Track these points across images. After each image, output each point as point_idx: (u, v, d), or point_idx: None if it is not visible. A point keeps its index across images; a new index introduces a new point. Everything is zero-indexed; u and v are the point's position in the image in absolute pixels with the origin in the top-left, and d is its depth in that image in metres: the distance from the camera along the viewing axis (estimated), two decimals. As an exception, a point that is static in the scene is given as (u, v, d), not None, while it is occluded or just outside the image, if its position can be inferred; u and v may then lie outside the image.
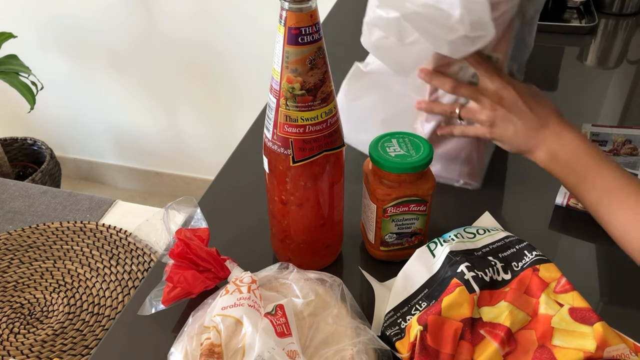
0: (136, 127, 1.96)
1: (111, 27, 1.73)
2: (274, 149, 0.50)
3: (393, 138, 0.56)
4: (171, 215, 0.56)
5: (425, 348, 0.45)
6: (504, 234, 0.54)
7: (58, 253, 1.10)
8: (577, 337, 0.44)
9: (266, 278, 0.51)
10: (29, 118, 1.99)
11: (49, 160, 1.77)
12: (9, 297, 1.03)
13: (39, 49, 1.84)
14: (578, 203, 0.63)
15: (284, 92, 0.47)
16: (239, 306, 0.46)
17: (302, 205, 0.53)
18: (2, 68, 1.58)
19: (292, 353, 0.43)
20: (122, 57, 1.79)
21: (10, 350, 0.94)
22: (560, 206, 0.64)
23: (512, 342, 0.45)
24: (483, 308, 0.47)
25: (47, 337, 0.96)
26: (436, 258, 0.52)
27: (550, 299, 0.47)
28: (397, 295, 0.51)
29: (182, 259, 0.52)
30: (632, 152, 0.69)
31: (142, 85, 1.84)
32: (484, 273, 0.48)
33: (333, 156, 0.51)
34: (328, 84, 0.48)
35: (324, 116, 0.48)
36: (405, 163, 0.53)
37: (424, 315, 0.46)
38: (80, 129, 2.04)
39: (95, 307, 1.00)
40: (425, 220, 0.57)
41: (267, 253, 0.61)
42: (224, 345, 0.44)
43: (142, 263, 1.07)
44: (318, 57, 0.46)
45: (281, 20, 0.45)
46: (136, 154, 2.05)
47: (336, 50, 0.96)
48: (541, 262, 0.50)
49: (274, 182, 0.53)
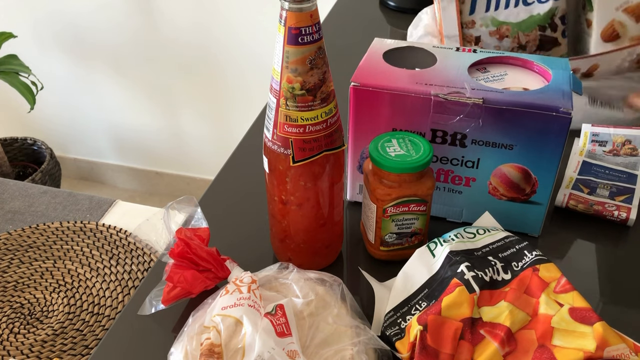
0: (136, 127, 1.97)
1: (112, 27, 1.73)
2: (274, 149, 0.50)
3: (393, 138, 0.56)
4: (171, 215, 0.56)
5: (425, 348, 0.45)
6: (504, 234, 0.54)
7: (58, 253, 1.10)
8: (577, 337, 0.44)
9: (266, 278, 0.51)
10: (29, 118, 2.00)
11: (49, 160, 1.77)
12: (9, 297, 1.03)
13: (39, 49, 1.85)
14: (577, 204, 0.63)
15: (284, 92, 0.47)
16: (239, 306, 0.46)
17: (302, 205, 0.53)
18: (2, 68, 1.58)
19: (292, 353, 0.43)
20: (122, 57, 1.79)
21: (10, 350, 0.94)
22: (559, 207, 0.64)
23: (512, 342, 0.45)
24: (483, 308, 0.47)
25: (47, 337, 0.96)
26: (436, 258, 0.52)
27: (550, 299, 0.47)
28: (397, 295, 0.51)
29: (182, 259, 0.52)
30: (632, 152, 0.69)
31: (142, 85, 1.84)
32: (484, 273, 0.48)
33: (333, 156, 0.51)
34: (328, 83, 0.48)
35: (324, 116, 0.48)
36: (405, 163, 0.53)
37: (424, 315, 0.46)
38: (80, 129, 2.04)
39: (95, 307, 1.00)
40: (425, 220, 0.57)
41: (267, 253, 0.61)
42: (224, 345, 0.44)
43: (142, 263, 1.07)
44: (318, 57, 0.46)
45: (281, 20, 0.45)
46: (136, 154, 2.05)
47: (336, 50, 0.96)
48: (541, 262, 0.50)
49: (274, 182, 0.53)
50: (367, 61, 0.61)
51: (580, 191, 0.64)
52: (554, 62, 0.61)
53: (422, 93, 0.56)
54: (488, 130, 0.56)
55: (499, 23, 0.77)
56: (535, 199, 0.59)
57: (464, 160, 0.59)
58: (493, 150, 0.57)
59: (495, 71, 0.62)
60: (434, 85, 0.57)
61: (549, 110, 0.54)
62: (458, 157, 0.59)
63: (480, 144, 0.57)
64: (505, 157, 0.57)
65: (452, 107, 0.56)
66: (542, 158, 0.56)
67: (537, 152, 0.56)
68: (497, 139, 0.57)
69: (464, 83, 0.57)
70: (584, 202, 0.63)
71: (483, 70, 0.62)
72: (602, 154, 0.70)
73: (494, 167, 0.58)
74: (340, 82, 0.65)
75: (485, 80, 0.60)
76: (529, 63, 0.62)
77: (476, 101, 0.55)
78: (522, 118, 0.55)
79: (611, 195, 0.64)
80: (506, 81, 0.60)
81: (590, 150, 0.70)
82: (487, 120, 0.56)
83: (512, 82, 0.60)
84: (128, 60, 1.79)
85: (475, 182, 0.60)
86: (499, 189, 0.60)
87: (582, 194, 0.64)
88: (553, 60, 0.62)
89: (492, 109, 0.55)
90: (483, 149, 0.58)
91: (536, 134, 0.55)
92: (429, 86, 0.57)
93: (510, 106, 0.55)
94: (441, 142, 0.59)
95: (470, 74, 0.59)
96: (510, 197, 0.60)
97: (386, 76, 0.59)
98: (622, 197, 0.64)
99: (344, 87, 0.61)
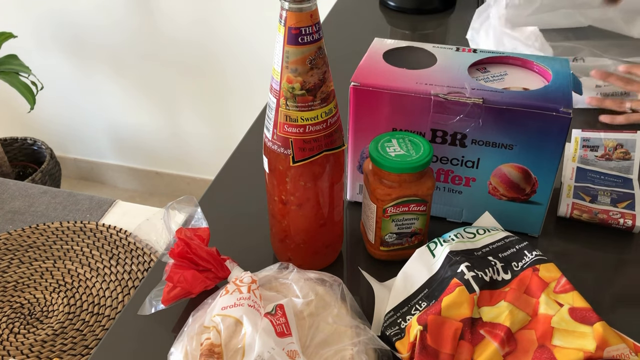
0: (136, 127, 1.97)
1: (112, 27, 1.73)
2: (274, 149, 0.50)
3: (393, 138, 0.56)
4: (172, 215, 0.56)
5: (425, 348, 0.45)
6: (504, 234, 0.54)
7: (58, 253, 1.10)
8: (577, 337, 0.44)
9: (266, 278, 0.51)
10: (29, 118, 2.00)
11: (49, 160, 1.77)
12: (9, 297, 1.03)
13: (39, 49, 1.85)
14: (582, 214, 0.62)
15: (284, 92, 0.47)
16: (239, 306, 0.46)
17: (302, 205, 0.53)
18: (2, 68, 1.58)
19: (292, 353, 0.43)
20: (123, 57, 1.79)
21: (10, 350, 0.94)
22: (563, 217, 0.64)
23: (512, 342, 0.45)
24: (483, 308, 0.47)
25: (47, 337, 0.96)
26: (436, 258, 0.52)
27: (550, 299, 0.47)
28: (397, 295, 0.51)
29: (182, 259, 0.52)
30: (624, 156, 0.69)
31: (142, 85, 1.85)
32: (483, 273, 0.48)
33: (333, 156, 0.51)
34: (328, 83, 0.48)
35: (324, 116, 0.48)
36: (405, 163, 0.53)
37: (424, 315, 0.46)
38: (80, 129, 2.04)
39: (95, 307, 1.00)
40: (425, 220, 0.57)
41: (267, 253, 0.61)
42: (223, 345, 0.44)
43: (142, 263, 1.07)
44: (318, 57, 0.46)
45: (281, 20, 0.45)
46: (136, 154, 2.05)
47: (336, 50, 0.96)
48: (541, 262, 0.50)
49: (274, 182, 0.53)
50: (367, 61, 0.61)
51: (582, 200, 0.64)
52: (554, 62, 0.61)
53: (422, 93, 0.56)
54: (488, 130, 0.56)
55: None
56: (535, 199, 0.59)
57: (464, 160, 0.59)
58: (493, 150, 0.57)
59: (495, 71, 0.62)
60: (434, 85, 0.57)
61: (549, 110, 0.54)
62: (458, 157, 0.59)
63: (480, 144, 0.57)
64: (505, 157, 0.57)
65: (452, 107, 0.56)
66: (542, 158, 0.56)
67: (537, 152, 0.56)
68: (497, 139, 0.57)
69: (464, 83, 0.57)
70: (588, 212, 0.62)
71: (483, 70, 0.62)
72: (594, 159, 0.70)
73: (494, 167, 0.58)
74: (340, 82, 0.65)
75: (485, 80, 0.60)
76: (529, 63, 0.62)
77: (476, 101, 0.55)
78: (522, 118, 0.55)
79: (613, 202, 0.64)
80: (506, 81, 0.60)
81: (582, 155, 0.70)
82: (487, 120, 0.56)
83: (512, 82, 0.60)
84: (128, 60, 1.79)
85: (475, 182, 0.60)
86: (499, 189, 0.60)
87: (584, 203, 0.64)
88: (553, 60, 0.62)
89: (492, 109, 0.55)
90: (483, 149, 0.58)
91: (536, 134, 0.55)
92: (429, 86, 0.57)
93: (510, 106, 0.55)
94: (441, 142, 0.59)
95: (470, 74, 0.59)
96: (510, 197, 0.60)
97: (386, 76, 0.59)
98: (624, 204, 0.63)
99: (344, 87, 0.61)
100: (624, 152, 0.69)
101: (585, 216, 0.62)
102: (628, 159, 0.69)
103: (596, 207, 0.63)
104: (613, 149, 0.69)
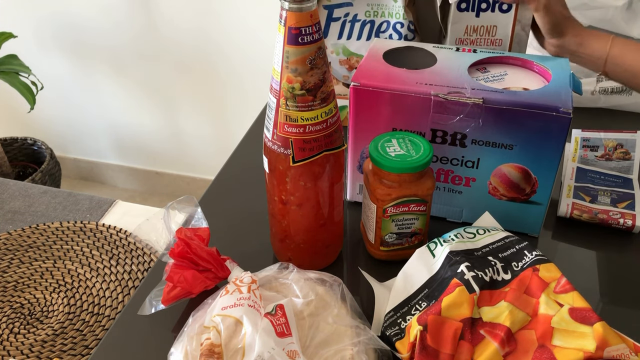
0: (136, 127, 1.96)
1: (112, 27, 1.73)
2: (274, 149, 0.50)
3: (393, 138, 0.56)
4: (172, 215, 0.56)
5: (425, 348, 0.45)
6: (504, 234, 0.54)
7: (58, 253, 1.10)
8: (577, 337, 0.44)
9: (266, 278, 0.51)
10: (29, 118, 2.00)
11: (49, 160, 1.77)
12: (9, 297, 1.03)
13: (39, 49, 1.85)
14: (582, 214, 0.62)
15: (284, 92, 0.47)
16: (239, 306, 0.46)
17: (302, 205, 0.53)
18: (2, 68, 1.58)
19: (292, 353, 0.43)
20: (123, 57, 1.79)
21: (10, 350, 0.94)
22: (563, 217, 0.64)
23: (512, 342, 0.45)
24: (483, 308, 0.47)
25: (47, 337, 0.96)
26: (436, 258, 0.52)
27: (550, 299, 0.47)
28: (397, 295, 0.51)
29: (182, 259, 0.52)
30: (624, 156, 0.69)
31: (142, 85, 1.84)
32: (484, 273, 0.48)
33: (333, 156, 0.51)
34: (328, 83, 0.48)
35: (324, 116, 0.48)
36: (405, 163, 0.53)
37: (424, 315, 0.46)
38: (80, 129, 2.04)
39: (95, 307, 1.00)
40: (425, 220, 0.57)
41: (267, 253, 0.61)
42: (224, 345, 0.44)
43: (142, 263, 1.07)
44: (318, 57, 0.46)
45: (281, 20, 0.45)
46: (136, 154, 2.05)
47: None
48: (541, 262, 0.50)
49: (274, 182, 0.53)
50: (367, 61, 0.61)
51: (582, 200, 0.64)
52: (554, 62, 0.61)
53: (422, 93, 0.56)
54: (488, 130, 0.56)
55: (349, 53, 0.76)
56: (535, 199, 0.59)
57: (464, 160, 0.59)
58: (493, 150, 0.57)
59: (495, 71, 0.62)
60: (434, 85, 0.57)
61: (549, 110, 0.54)
62: (458, 157, 0.59)
63: (480, 144, 0.57)
64: (505, 157, 0.57)
65: (452, 107, 0.56)
66: (542, 158, 0.56)
67: (537, 152, 0.56)
68: (497, 139, 0.57)
69: (464, 83, 0.57)
70: (588, 212, 0.62)
71: (483, 70, 0.62)
72: (594, 159, 0.70)
73: (494, 167, 0.58)
74: (340, 82, 0.65)
75: (485, 80, 0.60)
76: (529, 63, 0.62)
77: (476, 101, 0.55)
78: (522, 118, 0.55)
79: (613, 202, 0.64)
80: (506, 81, 0.60)
81: (582, 155, 0.70)
82: (487, 120, 0.56)
83: (512, 82, 0.60)
84: (128, 60, 1.79)
85: (475, 182, 0.60)
86: (499, 189, 0.60)
87: (584, 203, 0.64)
88: (553, 60, 0.62)
89: (492, 109, 0.55)
90: (483, 149, 0.58)
91: (536, 134, 0.55)
92: (429, 86, 0.57)
93: (510, 106, 0.55)
94: (441, 142, 0.59)
95: (470, 74, 0.59)
96: (510, 197, 0.60)
97: (386, 76, 0.59)
98: (624, 204, 0.63)
99: (344, 87, 0.61)
100: (624, 152, 0.69)
101: (585, 216, 0.62)
102: (628, 159, 0.69)
103: (596, 207, 0.63)
104: (613, 149, 0.69)
